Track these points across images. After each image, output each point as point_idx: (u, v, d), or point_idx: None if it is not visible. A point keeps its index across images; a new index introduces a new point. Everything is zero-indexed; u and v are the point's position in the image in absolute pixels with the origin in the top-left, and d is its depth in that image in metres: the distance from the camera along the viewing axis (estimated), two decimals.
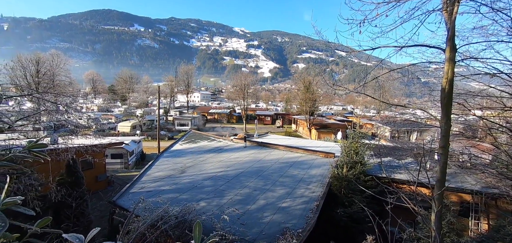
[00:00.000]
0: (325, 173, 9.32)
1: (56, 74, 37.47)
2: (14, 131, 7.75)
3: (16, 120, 6.76)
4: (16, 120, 6.61)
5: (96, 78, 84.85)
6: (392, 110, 26.55)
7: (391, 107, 6.40)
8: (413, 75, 5.15)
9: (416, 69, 5.47)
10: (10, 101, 9.29)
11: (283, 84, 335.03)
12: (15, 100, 9.11)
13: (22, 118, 7.58)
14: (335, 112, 75.60)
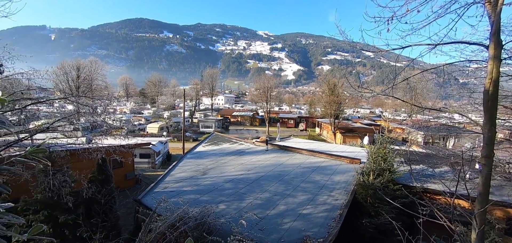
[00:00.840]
0: (350, 180, 8.86)
1: (94, 78, 40.68)
2: (54, 130, 8.45)
3: (55, 121, 7.34)
4: (53, 121, 7.18)
5: (129, 82, 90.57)
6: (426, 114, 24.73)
7: (424, 110, 5.84)
8: (449, 76, 4.66)
9: (453, 69, 4.96)
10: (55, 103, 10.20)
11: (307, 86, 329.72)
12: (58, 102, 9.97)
13: (60, 119, 8.22)
14: (361, 116, 72.35)
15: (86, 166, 8.97)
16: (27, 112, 7.49)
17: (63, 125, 8.45)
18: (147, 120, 48.72)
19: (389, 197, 7.61)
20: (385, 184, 8.40)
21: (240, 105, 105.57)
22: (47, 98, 8.20)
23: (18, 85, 7.32)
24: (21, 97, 6.52)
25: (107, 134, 9.65)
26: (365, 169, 9.05)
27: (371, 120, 56.05)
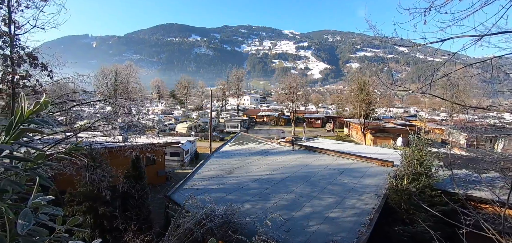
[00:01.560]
0: (381, 184, 8.36)
1: (129, 81, 43.74)
2: (95, 129, 9.23)
3: (96, 121, 8.01)
4: (95, 121, 7.83)
5: (160, 84, 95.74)
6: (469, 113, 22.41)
7: (468, 109, 5.22)
8: (498, 70, 4.15)
9: (503, 63, 4.41)
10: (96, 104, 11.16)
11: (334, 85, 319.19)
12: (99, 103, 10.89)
13: (100, 119, 8.95)
14: (394, 115, 67.99)
15: (122, 163, 9.65)
16: (72, 113, 8.28)
17: (102, 125, 9.18)
18: (177, 120, 51.04)
19: (426, 204, 7.02)
20: (422, 190, 7.77)
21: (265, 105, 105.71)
22: (89, 100, 8.99)
23: (65, 89, 8.12)
24: (68, 99, 7.22)
25: (141, 133, 10.29)
26: (398, 173, 8.47)
27: (405, 120, 52.40)
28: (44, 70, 5.02)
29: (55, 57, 6.63)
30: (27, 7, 4.43)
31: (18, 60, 4.47)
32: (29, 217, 0.71)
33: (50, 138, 7.54)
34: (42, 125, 0.84)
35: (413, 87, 4.81)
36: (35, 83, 5.13)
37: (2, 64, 4.64)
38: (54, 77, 6.08)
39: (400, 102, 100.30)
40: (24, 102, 0.81)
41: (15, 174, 0.89)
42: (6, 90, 5.06)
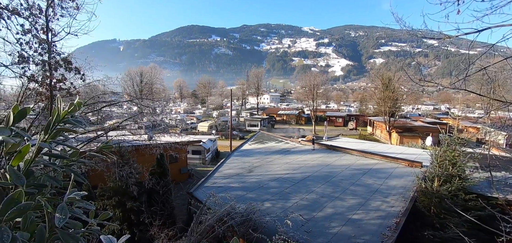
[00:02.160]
0: (409, 186, 7.94)
1: (153, 83, 45.68)
2: (123, 128, 9.76)
3: (123, 120, 8.47)
4: (123, 121, 8.28)
5: (182, 84, 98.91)
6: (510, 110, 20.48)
7: (508, 105, 4.73)
8: None
9: None
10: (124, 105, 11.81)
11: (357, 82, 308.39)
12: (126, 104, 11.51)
13: (128, 118, 9.45)
14: (423, 113, 64.07)
15: (148, 160, 10.12)
16: (103, 113, 8.83)
17: (130, 124, 9.69)
18: (198, 119, 52.40)
19: (459, 208, 6.54)
20: (454, 193, 7.24)
21: (285, 104, 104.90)
22: (117, 100, 9.53)
23: (96, 90, 8.68)
24: (98, 100, 7.72)
25: (164, 132, 10.72)
26: (428, 174, 7.96)
27: (436, 118, 49.18)
28: (77, 74, 5.40)
29: (86, 61, 7.10)
30: (62, 16, 4.77)
31: (55, 65, 4.84)
32: (65, 211, 0.77)
33: (83, 136, 8.10)
34: (76, 125, 0.91)
35: (445, 83, 4.50)
36: (69, 86, 5.53)
37: (41, 69, 5.03)
38: (86, 80, 6.51)
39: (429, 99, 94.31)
40: (61, 104, 0.87)
41: (53, 170, 0.97)
42: (45, 92, 5.49)
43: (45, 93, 5.54)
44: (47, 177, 0.90)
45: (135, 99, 9.80)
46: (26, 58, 4.47)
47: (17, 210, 0.67)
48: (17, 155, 0.80)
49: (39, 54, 4.64)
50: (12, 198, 0.68)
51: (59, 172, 0.98)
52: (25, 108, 0.77)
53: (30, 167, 0.85)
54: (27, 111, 0.79)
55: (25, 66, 4.72)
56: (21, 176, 0.72)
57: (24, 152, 0.81)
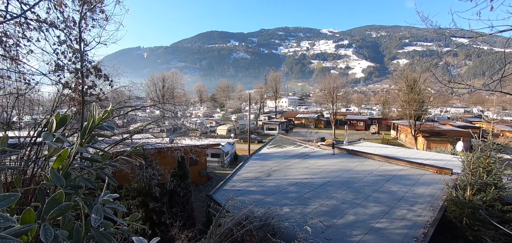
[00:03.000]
0: (437, 194, 7.47)
1: (175, 87, 47.30)
2: (147, 131, 10.20)
3: (147, 124, 8.85)
4: (146, 124, 8.65)
5: (202, 89, 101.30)
6: None
7: None
8: None
9: None
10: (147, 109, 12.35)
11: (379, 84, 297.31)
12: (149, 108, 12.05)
13: (151, 122, 9.86)
14: (453, 116, 60.11)
15: (169, 163, 10.46)
16: (128, 117, 9.30)
17: (152, 128, 10.09)
18: (217, 122, 53.31)
19: (495, 220, 6.03)
20: (490, 203, 6.67)
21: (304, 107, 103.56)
22: (142, 105, 9.99)
23: (121, 95, 9.16)
24: (124, 105, 8.14)
25: (185, 135, 11.03)
26: (459, 182, 7.43)
27: (467, 121, 45.90)
28: (106, 80, 5.74)
29: (114, 68, 7.52)
30: (93, 27, 5.11)
31: (86, 72, 5.18)
32: (100, 212, 0.83)
33: (111, 139, 8.57)
34: (108, 130, 0.98)
35: (477, 84, 4.20)
36: (99, 92, 5.89)
37: (74, 76, 5.40)
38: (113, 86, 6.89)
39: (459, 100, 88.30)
40: (96, 111, 0.94)
41: (88, 173, 1.04)
42: (77, 98, 5.87)
43: (77, 99, 5.93)
44: (82, 179, 0.97)
45: (158, 104, 10.21)
46: (61, 67, 4.84)
47: (58, 210, 0.73)
48: (57, 158, 0.87)
49: (72, 63, 5.01)
50: (54, 199, 0.75)
51: (93, 174, 1.05)
52: (65, 115, 0.84)
53: (68, 169, 0.93)
54: (67, 119, 0.87)
55: (60, 74, 5.09)
56: (61, 178, 0.78)
57: (63, 155, 0.88)
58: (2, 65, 4.77)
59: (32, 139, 4.64)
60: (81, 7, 4.90)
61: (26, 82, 5.11)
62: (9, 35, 4.61)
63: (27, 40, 4.70)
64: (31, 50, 4.87)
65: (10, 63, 4.84)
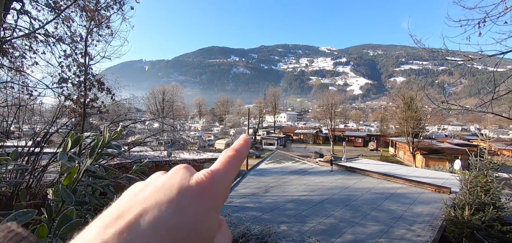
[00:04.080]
0: (436, 213, 7.44)
1: (174, 101, 47.60)
2: (145, 144, 10.19)
3: (146, 136, 8.88)
4: (145, 137, 8.68)
5: (201, 102, 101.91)
6: None
7: None
8: None
9: None
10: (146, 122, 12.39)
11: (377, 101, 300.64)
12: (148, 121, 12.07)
13: (150, 135, 9.87)
14: (450, 134, 60.45)
15: None
16: (127, 130, 9.32)
17: (151, 141, 10.10)
18: (216, 136, 53.23)
19: (495, 241, 6.00)
20: (489, 223, 6.65)
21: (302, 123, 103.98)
22: (142, 119, 10.05)
23: (122, 108, 9.24)
24: (125, 118, 8.19)
25: (183, 149, 11.02)
26: (457, 201, 7.42)
27: (464, 139, 46.13)
28: (108, 94, 5.83)
29: (116, 82, 7.64)
30: (98, 41, 5.26)
31: (89, 85, 5.28)
32: None
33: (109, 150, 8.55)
34: (116, 149, 1.04)
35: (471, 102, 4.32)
36: (100, 105, 5.97)
37: (77, 89, 5.51)
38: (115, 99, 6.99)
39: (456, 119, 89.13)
40: (106, 132, 1.01)
41: (92, 190, 1.09)
42: (78, 110, 5.95)
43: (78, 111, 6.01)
44: (89, 195, 1.01)
45: (158, 117, 10.28)
46: (65, 79, 4.94)
47: (69, 226, 0.77)
48: (68, 175, 0.92)
49: (76, 76, 5.11)
50: (65, 215, 0.79)
51: (98, 190, 1.10)
52: (79, 136, 0.90)
53: (75, 186, 0.98)
54: (80, 139, 0.93)
55: (64, 86, 5.19)
56: (71, 195, 0.83)
57: (73, 173, 0.93)
58: (6, 76, 4.87)
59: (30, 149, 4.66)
60: (88, 23, 5.07)
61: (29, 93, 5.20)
62: (16, 47, 4.74)
63: (33, 52, 4.82)
64: (36, 62, 4.99)
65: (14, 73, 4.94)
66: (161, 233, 0.22)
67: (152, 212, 0.23)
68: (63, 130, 7.00)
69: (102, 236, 0.21)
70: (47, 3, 4.53)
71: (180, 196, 0.25)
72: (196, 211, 0.24)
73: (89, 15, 5.09)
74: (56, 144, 6.61)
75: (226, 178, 0.30)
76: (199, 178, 0.27)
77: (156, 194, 0.25)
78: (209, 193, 0.27)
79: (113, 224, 0.22)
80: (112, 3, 5.37)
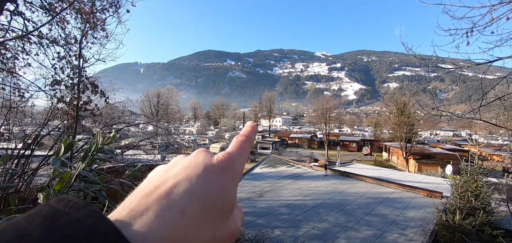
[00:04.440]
0: (428, 218, 7.54)
1: (169, 104, 47.28)
2: (139, 148, 10.09)
3: (140, 140, 8.80)
4: (139, 140, 8.60)
5: (196, 106, 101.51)
6: None
7: None
8: None
9: None
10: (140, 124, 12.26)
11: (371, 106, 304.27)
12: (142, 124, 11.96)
13: (143, 139, 9.79)
14: (442, 139, 61.43)
15: None
16: (121, 133, 9.22)
17: (144, 144, 10.00)
18: (210, 140, 52.96)
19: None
20: (479, 227, 6.77)
21: (297, 127, 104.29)
22: (136, 122, 9.95)
23: (115, 111, 9.15)
24: (119, 121, 8.11)
25: (178, 153, 10.94)
26: (448, 206, 7.54)
27: (456, 145, 46.93)
28: (102, 97, 5.77)
29: (111, 84, 7.57)
30: (93, 43, 5.22)
31: (83, 88, 5.23)
32: None
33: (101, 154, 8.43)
34: (109, 154, 1.04)
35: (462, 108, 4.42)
36: (94, 107, 5.90)
37: (70, 91, 5.45)
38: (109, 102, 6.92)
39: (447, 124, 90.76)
40: (100, 137, 1.01)
41: (84, 195, 1.09)
42: (71, 112, 5.87)
43: (71, 113, 5.92)
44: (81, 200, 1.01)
45: (153, 121, 10.20)
46: (58, 82, 4.88)
47: None
48: (59, 180, 0.92)
49: (70, 78, 5.06)
50: None
51: (89, 195, 1.10)
52: (72, 141, 0.90)
53: (67, 191, 0.97)
54: (73, 144, 0.93)
55: (57, 88, 5.13)
56: None
57: (65, 178, 0.93)
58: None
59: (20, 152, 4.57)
60: (83, 25, 5.03)
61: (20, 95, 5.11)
62: (8, 48, 4.67)
63: (26, 53, 4.75)
64: (29, 63, 4.92)
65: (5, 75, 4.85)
66: (193, 199, 0.26)
67: (185, 183, 0.27)
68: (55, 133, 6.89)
69: (146, 202, 0.25)
70: (41, 5, 4.49)
71: (206, 171, 0.29)
72: (220, 184, 0.29)
73: (84, 18, 5.06)
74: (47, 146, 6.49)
75: (241, 159, 0.35)
76: (219, 158, 0.31)
77: (185, 170, 0.29)
78: (228, 170, 0.31)
79: (152, 193, 0.26)
80: (108, 6, 5.34)
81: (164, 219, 0.24)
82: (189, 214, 0.25)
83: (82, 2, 5.12)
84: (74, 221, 0.19)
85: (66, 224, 0.18)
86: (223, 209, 0.29)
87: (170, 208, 0.24)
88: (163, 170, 0.31)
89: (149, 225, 0.23)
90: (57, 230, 0.18)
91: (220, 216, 0.28)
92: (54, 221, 0.18)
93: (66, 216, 0.19)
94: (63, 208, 0.20)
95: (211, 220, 0.27)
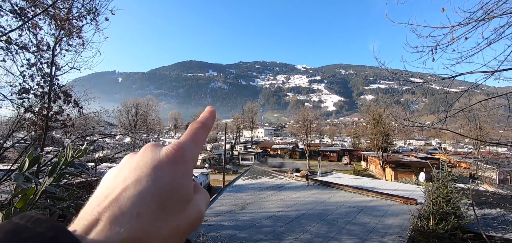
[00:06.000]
0: (405, 224, 7.83)
1: (149, 114, 45.74)
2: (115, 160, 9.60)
3: (116, 152, 8.38)
4: (115, 153, 8.19)
5: (177, 116, 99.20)
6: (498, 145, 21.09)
7: (489, 144, 4.86)
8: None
9: None
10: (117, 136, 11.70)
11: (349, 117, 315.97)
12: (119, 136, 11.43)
13: (120, 151, 9.34)
14: (415, 148, 65.01)
15: None
16: (95, 145, 8.73)
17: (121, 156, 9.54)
18: None
19: None
20: (451, 232, 7.15)
21: (279, 138, 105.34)
22: (112, 133, 9.49)
23: (90, 122, 8.68)
24: (93, 132, 7.69)
25: None
26: (423, 212, 7.92)
27: (427, 153, 49.84)
28: (76, 106, 5.47)
29: (85, 93, 7.21)
30: (68, 51, 4.98)
31: (54, 97, 4.93)
32: None
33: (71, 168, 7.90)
34: (79, 169, 0.97)
35: (429, 122, 4.72)
36: (65, 118, 5.56)
37: (40, 100, 5.12)
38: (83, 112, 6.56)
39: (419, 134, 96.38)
40: (69, 151, 0.94)
41: (50, 213, 1.00)
42: (40, 123, 5.49)
43: (39, 124, 5.54)
44: None
45: (130, 132, 9.80)
46: (27, 90, 4.57)
47: None
48: (22, 197, 0.84)
49: (40, 87, 4.75)
50: None
51: (56, 213, 1.01)
52: (38, 155, 0.83)
53: (31, 208, 0.89)
54: (40, 158, 0.86)
55: (24, 97, 4.80)
56: None
57: (28, 194, 0.85)
58: None
59: None
60: (58, 32, 4.79)
61: None
62: None
63: None
64: None
65: None
66: (145, 200, 0.26)
67: (134, 186, 0.27)
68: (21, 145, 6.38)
69: (99, 211, 0.25)
70: (12, 9, 4.23)
71: (155, 169, 0.29)
72: (171, 178, 0.29)
73: (59, 24, 4.82)
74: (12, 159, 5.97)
75: (193, 147, 0.35)
76: (168, 151, 0.31)
77: (134, 173, 0.28)
78: (178, 162, 0.30)
79: (104, 201, 0.26)
80: (85, 13, 5.15)
81: (119, 225, 0.24)
82: (143, 215, 0.25)
83: (57, 8, 4.90)
84: (37, 235, 0.19)
85: (28, 237, 0.19)
86: (179, 200, 0.29)
87: (124, 214, 0.25)
88: (113, 174, 0.31)
89: (105, 233, 0.24)
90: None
91: (177, 207, 0.29)
92: (16, 235, 0.19)
93: (28, 230, 0.20)
94: (25, 224, 0.21)
95: (169, 214, 0.27)
